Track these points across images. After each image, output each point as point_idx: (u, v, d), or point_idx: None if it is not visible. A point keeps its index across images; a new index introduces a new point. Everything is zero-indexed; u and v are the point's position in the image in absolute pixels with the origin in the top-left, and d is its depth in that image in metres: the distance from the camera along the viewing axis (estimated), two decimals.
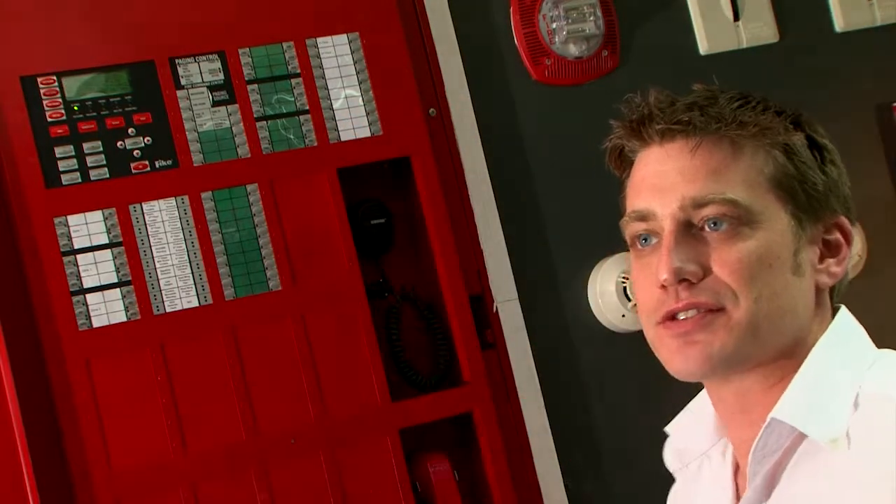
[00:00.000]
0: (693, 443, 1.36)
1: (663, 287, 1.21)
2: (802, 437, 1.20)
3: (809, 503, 1.18)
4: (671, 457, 1.40)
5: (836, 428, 1.17)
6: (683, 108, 1.24)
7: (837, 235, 1.26)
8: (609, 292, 2.32)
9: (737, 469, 1.31)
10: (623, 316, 2.32)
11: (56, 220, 1.98)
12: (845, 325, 1.26)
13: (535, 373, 2.26)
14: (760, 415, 1.21)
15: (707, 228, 1.21)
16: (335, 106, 2.16)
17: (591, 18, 2.38)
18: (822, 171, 1.25)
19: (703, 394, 1.34)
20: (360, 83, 2.18)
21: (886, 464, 1.11)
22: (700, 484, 1.35)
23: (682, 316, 1.21)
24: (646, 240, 1.25)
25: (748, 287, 1.19)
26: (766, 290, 1.20)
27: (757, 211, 1.21)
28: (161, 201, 2.04)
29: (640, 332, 1.29)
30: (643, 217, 1.25)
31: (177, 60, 2.09)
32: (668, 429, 1.40)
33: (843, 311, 1.28)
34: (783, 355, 1.22)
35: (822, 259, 1.25)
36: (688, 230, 1.22)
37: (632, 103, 1.27)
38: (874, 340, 1.28)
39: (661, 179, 1.24)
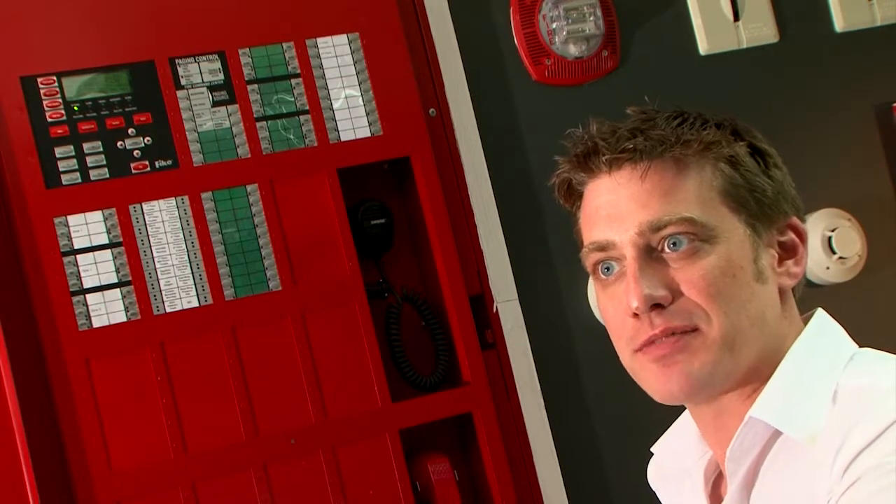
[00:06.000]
0: (676, 461, 1.38)
1: (635, 315, 1.22)
2: (778, 434, 1.20)
3: (785, 498, 1.18)
4: (654, 475, 1.42)
5: (814, 425, 1.17)
6: (626, 136, 1.25)
7: (792, 236, 1.28)
8: None
9: (722, 480, 1.31)
10: None
11: (56, 220, 1.98)
12: (822, 326, 1.27)
13: (535, 373, 2.26)
14: (737, 427, 1.22)
15: (667, 249, 1.23)
16: (335, 106, 2.16)
17: (591, 18, 2.38)
18: (768, 176, 1.27)
19: (686, 413, 1.35)
20: (360, 83, 2.18)
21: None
22: (682, 501, 1.37)
23: (659, 341, 1.22)
24: (608, 269, 1.26)
25: (717, 303, 1.21)
26: (734, 302, 1.21)
27: (713, 225, 1.23)
28: (161, 201, 2.04)
29: None
30: (602, 248, 1.26)
31: (177, 60, 2.09)
32: (654, 448, 1.42)
33: (820, 313, 1.29)
34: (757, 367, 1.23)
35: (780, 262, 1.27)
36: (649, 255, 1.23)
37: (574, 137, 1.29)
38: (872, 339, 1.28)
39: (615, 208, 1.25)
